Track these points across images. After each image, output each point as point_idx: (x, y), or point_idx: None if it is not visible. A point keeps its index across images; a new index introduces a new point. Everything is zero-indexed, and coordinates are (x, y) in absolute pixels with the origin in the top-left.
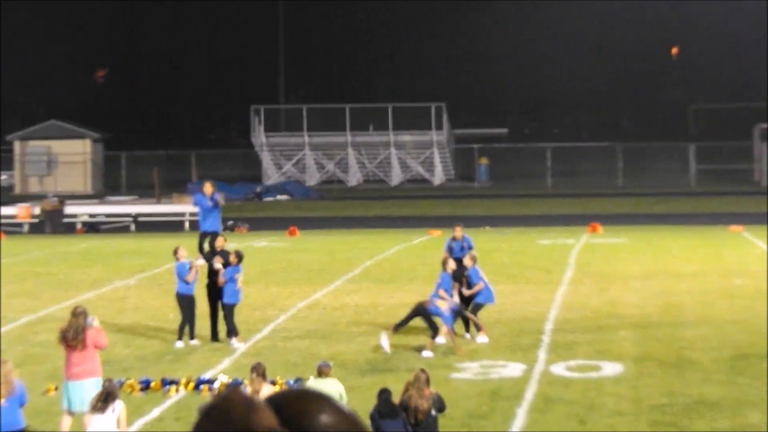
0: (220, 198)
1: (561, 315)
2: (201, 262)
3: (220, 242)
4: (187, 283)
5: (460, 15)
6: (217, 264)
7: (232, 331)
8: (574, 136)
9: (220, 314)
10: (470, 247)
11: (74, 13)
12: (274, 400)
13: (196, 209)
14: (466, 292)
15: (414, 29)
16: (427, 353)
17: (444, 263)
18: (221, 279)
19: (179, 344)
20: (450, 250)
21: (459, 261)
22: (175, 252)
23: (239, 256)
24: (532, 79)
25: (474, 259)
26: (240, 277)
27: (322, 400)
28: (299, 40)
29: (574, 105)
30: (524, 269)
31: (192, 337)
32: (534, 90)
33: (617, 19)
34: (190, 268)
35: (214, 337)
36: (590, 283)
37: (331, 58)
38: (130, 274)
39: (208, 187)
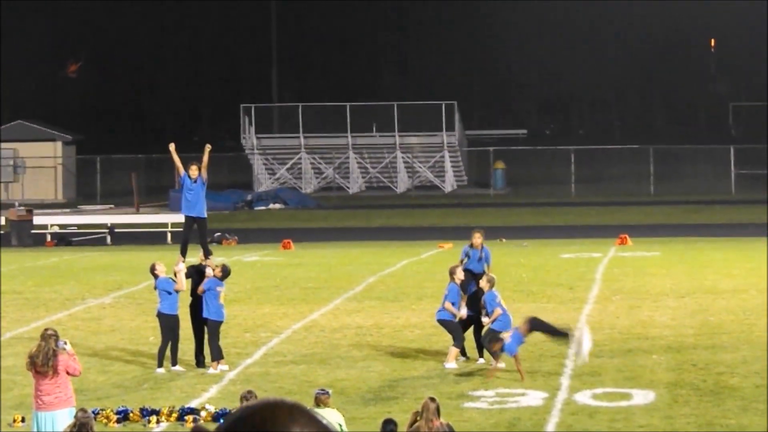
0: (204, 176)
1: None
2: (182, 266)
3: (201, 258)
4: (177, 293)
5: (474, 3)
6: (208, 268)
7: (216, 354)
8: (601, 137)
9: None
10: (488, 260)
11: (44, 0)
12: (246, 411)
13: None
14: (485, 321)
15: (422, 19)
16: (450, 365)
17: (452, 273)
18: (200, 287)
19: (160, 370)
20: (465, 257)
21: (471, 273)
22: (152, 269)
23: (225, 271)
24: (553, 75)
25: (492, 283)
26: (222, 293)
27: (294, 409)
28: (294, 29)
29: (600, 103)
30: (545, 286)
31: (174, 363)
32: (556, 86)
33: (649, 9)
34: (175, 279)
35: (200, 362)
36: (619, 301)
37: (330, 51)
38: (106, 291)
39: (193, 170)
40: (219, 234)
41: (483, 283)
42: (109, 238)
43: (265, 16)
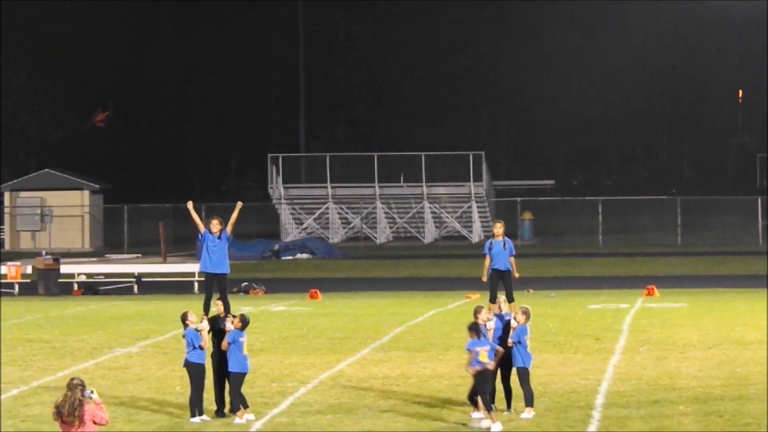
0: (228, 232)
1: (613, 387)
2: (204, 324)
3: (218, 308)
4: (202, 349)
5: (501, 55)
6: (228, 323)
7: (238, 405)
8: (629, 188)
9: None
10: (512, 251)
11: (71, 49)
12: None
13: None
14: (509, 342)
15: (450, 70)
16: (477, 414)
17: (475, 313)
18: (225, 342)
19: (195, 420)
20: (488, 252)
21: (498, 272)
22: (184, 318)
23: (243, 321)
24: (581, 126)
25: (527, 315)
26: (245, 343)
27: None
28: (322, 80)
29: (628, 154)
30: (572, 337)
31: (201, 412)
32: (583, 137)
33: (676, 61)
34: (200, 330)
35: (220, 411)
36: (645, 352)
37: (358, 102)
38: (132, 341)
39: (215, 224)
40: (246, 284)
41: (518, 314)
42: (136, 287)
43: (292, 65)
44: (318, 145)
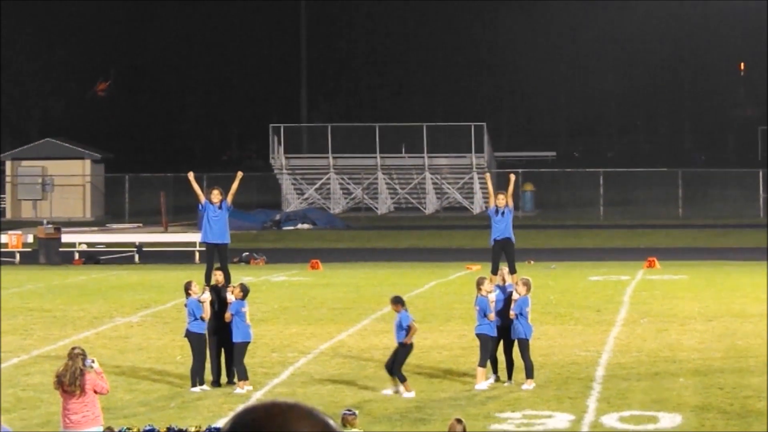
0: (229, 202)
1: (614, 360)
2: (207, 295)
3: (217, 278)
4: (203, 320)
5: (502, 26)
6: (230, 294)
7: (242, 374)
8: (630, 160)
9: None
10: (510, 212)
11: (72, 18)
12: (244, 415)
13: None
14: (511, 314)
15: (451, 41)
16: (481, 386)
17: (479, 284)
18: (228, 314)
19: (196, 389)
20: (492, 217)
21: (499, 243)
22: (187, 287)
23: (244, 290)
24: (582, 97)
25: (528, 286)
26: (247, 313)
27: (293, 407)
28: (323, 50)
29: (629, 126)
30: (573, 308)
31: (202, 382)
32: (585, 109)
33: (679, 32)
34: (203, 303)
35: (216, 382)
36: (646, 324)
37: (359, 72)
38: (134, 310)
39: (215, 194)
40: (247, 254)
41: (520, 287)
42: (137, 257)
43: (294, 36)
44: (319, 116)
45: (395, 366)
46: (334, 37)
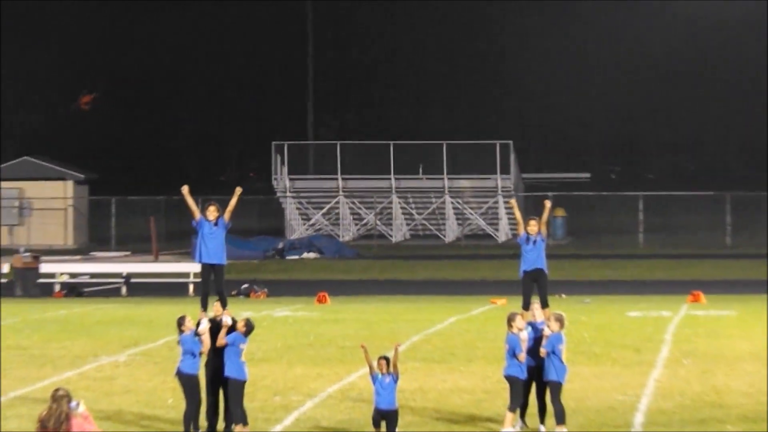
0: (226, 219)
1: (654, 405)
2: (204, 325)
3: (216, 309)
4: (197, 356)
5: (531, 33)
6: (226, 317)
7: (239, 418)
8: (673, 182)
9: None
10: (543, 241)
11: (54, 21)
12: None
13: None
14: (542, 352)
15: (473, 50)
16: (507, 431)
17: (510, 320)
18: (222, 341)
19: None
20: (520, 246)
21: (529, 275)
22: (180, 322)
23: (249, 327)
24: (620, 112)
25: (561, 322)
26: (244, 350)
27: None
28: (332, 59)
29: (672, 144)
30: (609, 347)
31: (197, 428)
32: (623, 125)
33: (729, 47)
34: (198, 337)
35: (212, 426)
36: (690, 365)
37: (372, 84)
38: (120, 348)
39: (211, 211)
40: (246, 286)
41: (551, 321)
42: (124, 289)
43: (301, 44)
44: (328, 133)
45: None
46: (345, 44)
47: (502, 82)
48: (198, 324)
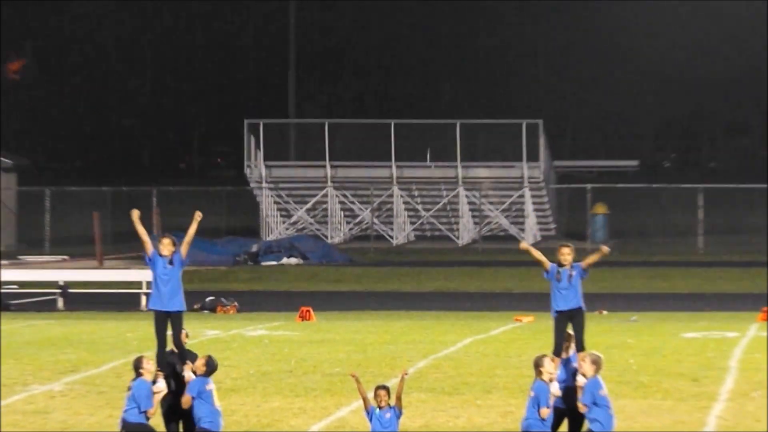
0: (183, 255)
1: None
2: (161, 385)
3: (182, 338)
4: (147, 416)
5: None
6: (187, 372)
7: None
8: (739, 173)
9: None
10: (582, 276)
11: None
12: None
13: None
14: (581, 407)
15: (496, 8)
16: None
17: (537, 365)
18: (186, 397)
19: None
20: (554, 281)
21: (563, 314)
22: (138, 365)
23: (210, 366)
24: (676, 88)
25: (598, 365)
26: (214, 392)
27: None
28: (319, 19)
29: (739, 126)
30: (660, 376)
31: None
32: (679, 104)
33: None
34: (154, 393)
35: None
36: (760, 398)
37: (368, 49)
38: (56, 375)
39: (166, 245)
40: (212, 298)
41: (586, 366)
42: (61, 302)
43: (281, 4)
44: (313, 109)
45: None
46: (334, 4)
47: (529, 47)
48: (154, 381)
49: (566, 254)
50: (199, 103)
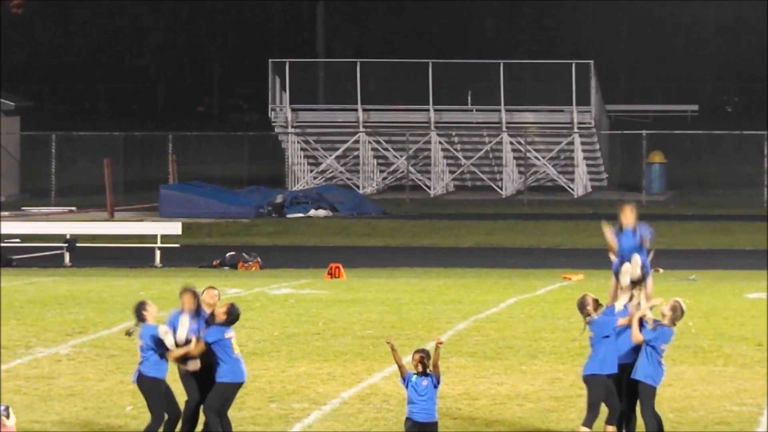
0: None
1: None
2: (164, 328)
3: (210, 298)
4: (162, 359)
5: None
6: (193, 365)
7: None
8: None
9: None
10: (647, 235)
11: None
12: None
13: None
14: (636, 336)
15: None
16: None
17: (582, 307)
18: (200, 344)
19: None
20: (620, 248)
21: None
22: (140, 309)
23: (232, 314)
24: (738, 26)
25: (677, 312)
26: (234, 341)
27: None
28: None
29: None
30: (722, 340)
31: None
32: (743, 41)
33: None
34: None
35: None
36: None
37: None
38: (62, 337)
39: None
40: (233, 254)
41: (666, 309)
42: (67, 257)
43: None
44: (344, 47)
45: None
46: None
47: None
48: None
49: (628, 214)
50: (219, 41)
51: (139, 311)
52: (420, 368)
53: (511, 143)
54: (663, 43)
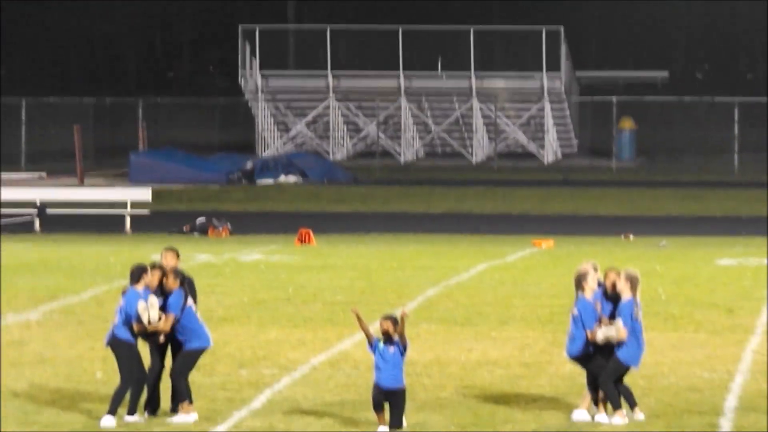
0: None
1: (752, 384)
2: (143, 305)
3: (170, 260)
4: (145, 333)
5: None
6: (161, 338)
7: (182, 394)
8: None
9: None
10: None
11: None
12: None
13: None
14: (621, 332)
15: None
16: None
17: (578, 281)
18: (170, 316)
19: (107, 421)
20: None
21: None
22: (140, 273)
23: (183, 278)
24: None
25: (634, 283)
26: (195, 308)
27: None
28: None
29: None
30: (693, 307)
31: (133, 410)
32: (713, 10)
33: None
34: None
35: (153, 404)
36: None
37: None
38: (32, 303)
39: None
40: (203, 220)
41: (620, 282)
42: (37, 223)
43: None
44: (313, 13)
45: None
46: None
47: None
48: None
49: (611, 276)
50: (189, 6)
51: (139, 274)
52: (386, 336)
53: (481, 109)
54: (634, 8)
